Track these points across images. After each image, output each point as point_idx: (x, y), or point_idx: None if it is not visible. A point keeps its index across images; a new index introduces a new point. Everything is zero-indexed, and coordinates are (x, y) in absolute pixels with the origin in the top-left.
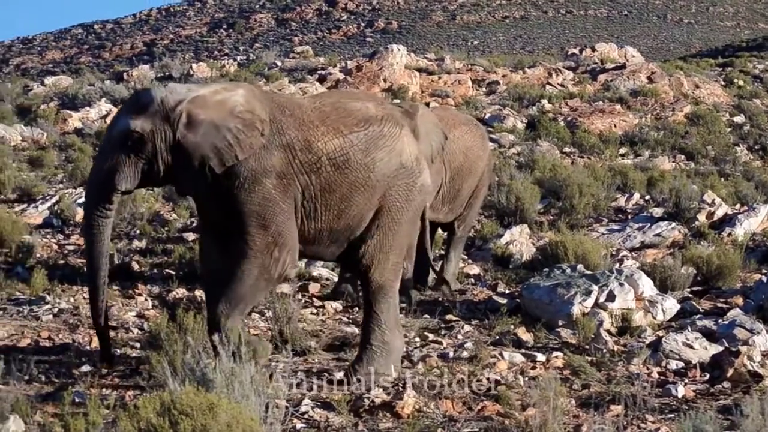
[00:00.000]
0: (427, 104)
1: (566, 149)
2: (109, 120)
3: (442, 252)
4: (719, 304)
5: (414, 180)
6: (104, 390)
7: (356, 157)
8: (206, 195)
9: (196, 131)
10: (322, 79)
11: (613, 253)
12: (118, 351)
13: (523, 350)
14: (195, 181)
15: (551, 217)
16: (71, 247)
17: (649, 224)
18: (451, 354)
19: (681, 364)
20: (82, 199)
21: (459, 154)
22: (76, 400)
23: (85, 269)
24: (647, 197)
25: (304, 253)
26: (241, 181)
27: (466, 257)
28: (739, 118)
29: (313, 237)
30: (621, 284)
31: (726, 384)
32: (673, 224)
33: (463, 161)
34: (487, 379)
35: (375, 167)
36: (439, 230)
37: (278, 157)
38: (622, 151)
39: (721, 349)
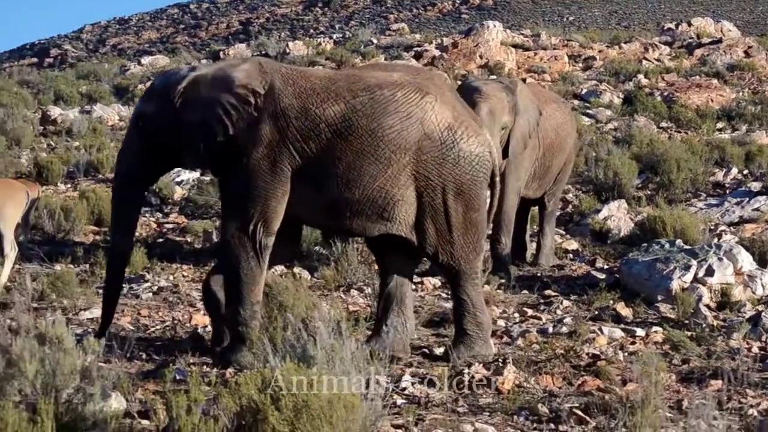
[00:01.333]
0: (523, 80)
1: (663, 124)
2: None
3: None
4: None
5: (447, 152)
6: (204, 367)
7: (359, 123)
8: (212, 173)
9: (191, 110)
10: (418, 56)
11: (712, 227)
12: None
13: (622, 325)
14: (199, 161)
15: (649, 192)
16: (170, 226)
17: (747, 199)
18: (551, 329)
19: None
20: (180, 178)
21: (551, 131)
22: (177, 377)
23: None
24: (745, 172)
25: (331, 227)
26: (231, 156)
27: (564, 233)
28: None
29: (326, 207)
30: (720, 259)
31: None
32: None
33: (554, 138)
34: (587, 354)
35: (384, 135)
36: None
37: (270, 126)
38: (719, 125)
39: None
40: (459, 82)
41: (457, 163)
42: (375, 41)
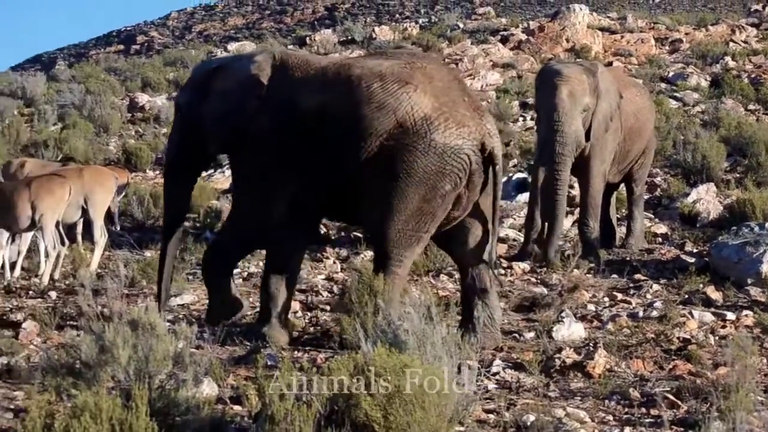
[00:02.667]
0: (610, 63)
1: (751, 106)
2: None
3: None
4: None
5: (417, 141)
6: (295, 352)
7: (337, 112)
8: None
9: (208, 101)
10: (504, 40)
11: None
12: (308, 314)
13: (712, 309)
14: (222, 151)
15: (737, 175)
16: None
17: None
18: (641, 313)
19: None
20: None
21: (631, 115)
22: (269, 363)
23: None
24: None
25: (328, 216)
26: (238, 146)
27: (652, 216)
28: None
29: (323, 197)
30: None
31: None
32: None
33: (634, 123)
34: (678, 338)
35: (357, 124)
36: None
37: (268, 117)
38: None
39: None
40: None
41: (425, 153)
42: (461, 26)
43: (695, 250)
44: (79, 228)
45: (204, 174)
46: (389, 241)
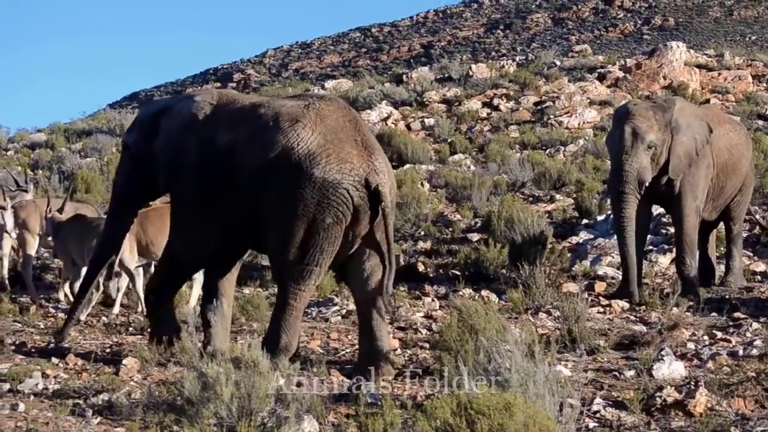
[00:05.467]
0: (707, 101)
1: None
2: (390, 122)
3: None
4: None
5: (300, 176)
6: (395, 390)
7: (239, 151)
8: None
9: (155, 140)
10: (601, 78)
11: None
12: (408, 351)
13: None
14: (168, 188)
15: None
16: None
17: None
18: (741, 352)
19: None
20: None
21: (724, 151)
22: (369, 400)
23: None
24: None
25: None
26: (179, 182)
27: (751, 254)
28: None
29: (245, 231)
30: None
31: None
32: None
33: (728, 158)
34: None
35: (251, 160)
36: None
37: (197, 154)
38: None
39: None
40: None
41: (306, 187)
42: (558, 63)
43: None
44: None
45: None
46: (282, 274)
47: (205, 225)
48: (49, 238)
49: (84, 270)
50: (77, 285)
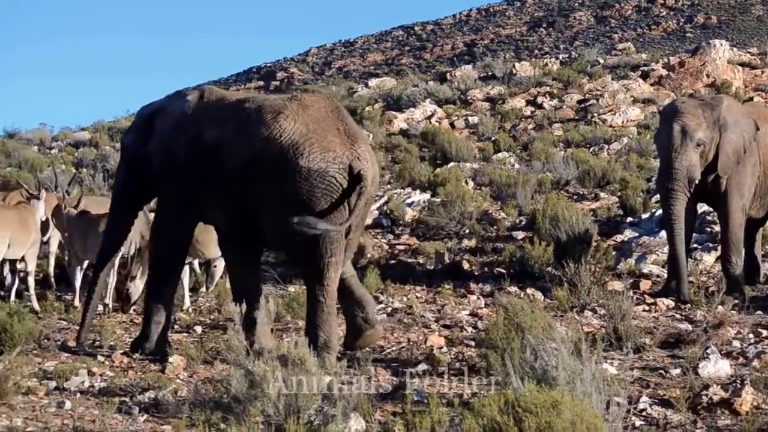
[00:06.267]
0: (750, 99)
1: None
2: (434, 120)
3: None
4: None
5: (285, 166)
6: (440, 388)
7: (225, 144)
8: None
9: (151, 140)
10: (644, 76)
11: None
12: (453, 349)
13: None
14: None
15: None
16: (401, 247)
17: None
18: None
19: None
20: (411, 200)
21: None
22: (416, 398)
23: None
24: None
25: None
26: (170, 177)
27: None
28: None
29: (238, 226)
30: None
31: None
32: None
33: None
34: None
35: (236, 153)
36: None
37: (186, 151)
38: None
39: None
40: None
41: (294, 179)
42: (601, 61)
43: None
44: (222, 263)
45: None
46: (302, 272)
47: (187, 220)
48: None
49: (77, 268)
50: (77, 282)
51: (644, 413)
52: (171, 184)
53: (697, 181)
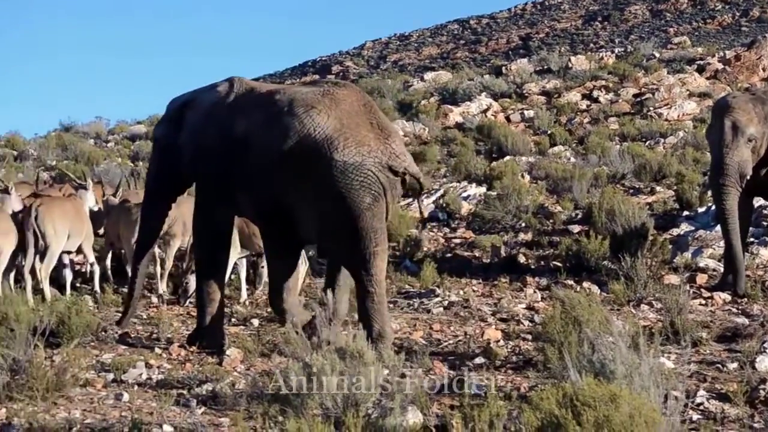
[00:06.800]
0: None
1: None
2: (490, 114)
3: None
4: None
5: (320, 161)
6: (497, 381)
7: (255, 137)
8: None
9: (182, 132)
10: (700, 69)
11: None
12: (510, 343)
13: None
14: (195, 177)
15: None
16: (457, 241)
17: None
18: None
19: None
20: (466, 193)
21: None
22: (473, 392)
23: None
24: None
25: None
26: (204, 170)
27: None
28: None
29: (268, 217)
30: None
31: None
32: None
33: None
34: None
35: (269, 146)
36: None
37: (216, 142)
38: None
39: None
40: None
41: (329, 171)
42: (657, 55)
43: None
44: None
45: (402, 203)
46: (349, 265)
47: (223, 212)
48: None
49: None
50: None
51: (701, 407)
52: (204, 175)
53: (749, 176)
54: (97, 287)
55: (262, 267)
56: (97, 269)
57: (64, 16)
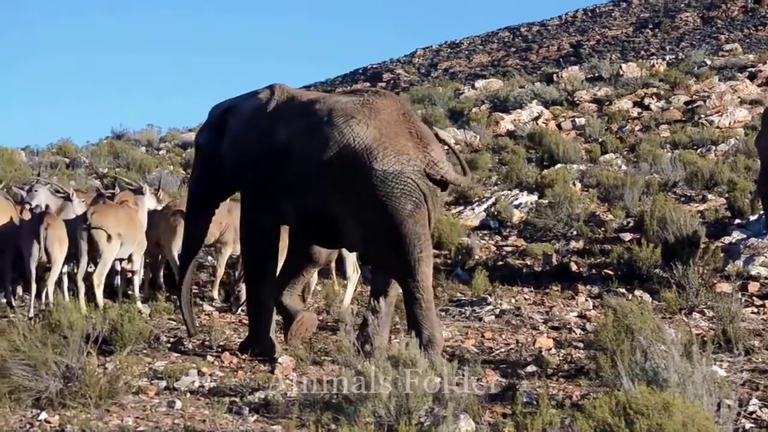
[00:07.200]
0: None
1: None
2: (541, 122)
3: None
4: None
5: (360, 170)
6: (549, 389)
7: (296, 144)
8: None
9: (224, 139)
10: (752, 77)
11: None
12: (562, 351)
13: None
14: (238, 183)
15: None
16: (509, 249)
17: None
18: None
19: None
20: (518, 201)
21: None
22: (525, 399)
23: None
24: None
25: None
26: (247, 177)
27: None
28: None
29: (307, 225)
30: None
31: None
32: None
33: None
34: None
35: (311, 155)
36: None
37: (258, 149)
38: None
39: None
40: None
41: (369, 180)
42: (708, 62)
43: None
44: (333, 264)
45: (454, 211)
46: (395, 272)
47: (267, 219)
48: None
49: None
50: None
51: (754, 416)
52: (246, 182)
53: None
54: (137, 293)
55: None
56: (138, 278)
57: (121, 12)
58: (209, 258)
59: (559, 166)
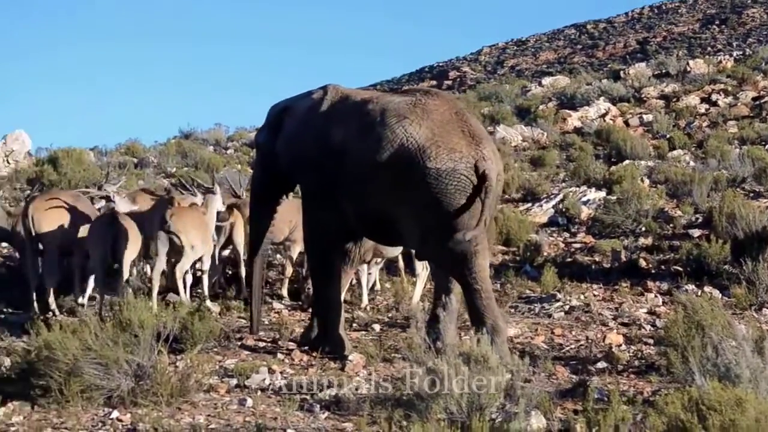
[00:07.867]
0: None
1: None
2: (608, 118)
3: None
4: None
5: (415, 169)
6: (620, 386)
7: (351, 144)
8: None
9: (281, 138)
10: None
11: None
12: (632, 347)
13: None
14: (294, 181)
15: None
16: (578, 245)
17: None
18: None
19: None
20: (586, 198)
21: None
22: (597, 396)
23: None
24: None
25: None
26: (303, 176)
27: None
28: None
29: (363, 222)
30: None
31: None
32: None
33: None
34: None
35: (366, 155)
36: None
37: (312, 148)
38: None
39: None
40: None
41: (423, 179)
42: None
43: None
44: (401, 261)
45: (522, 208)
46: (451, 267)
47: (327, 217)
48: None
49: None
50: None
51: None
52: (304, 182)
53: None
54: (206, 292)
55: (369, 273)
56: (206, 278)
57: (184, 9)
58: (278, 256)
59: (627, 162)
